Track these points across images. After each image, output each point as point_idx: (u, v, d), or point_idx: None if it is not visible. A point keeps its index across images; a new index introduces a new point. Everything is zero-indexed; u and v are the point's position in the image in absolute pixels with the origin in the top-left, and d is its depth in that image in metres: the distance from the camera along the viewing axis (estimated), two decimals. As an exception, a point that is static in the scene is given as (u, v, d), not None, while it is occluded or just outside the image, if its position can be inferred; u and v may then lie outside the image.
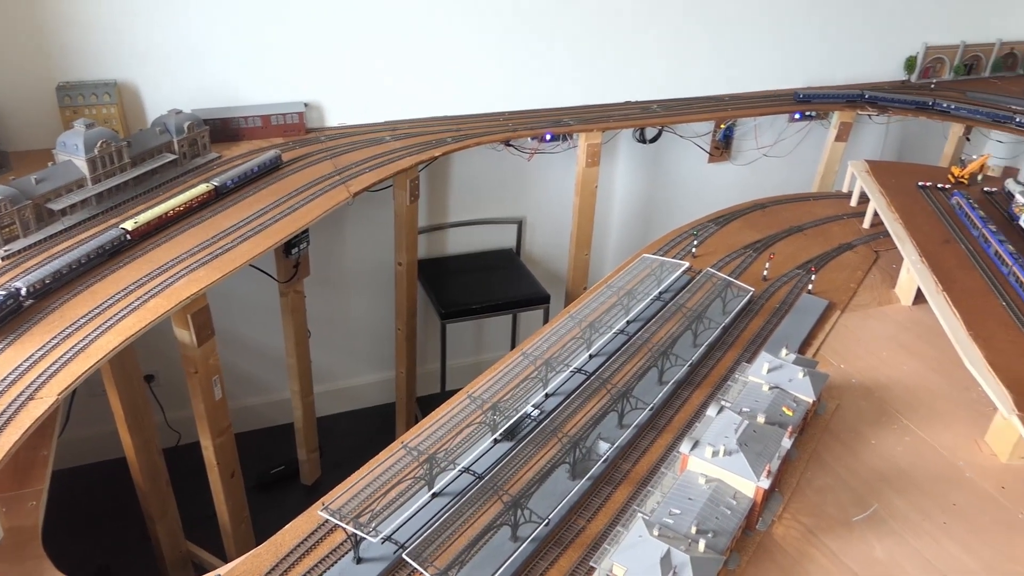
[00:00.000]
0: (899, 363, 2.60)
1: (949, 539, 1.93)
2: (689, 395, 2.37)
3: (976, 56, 5.39)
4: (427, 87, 4.14)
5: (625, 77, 4.56)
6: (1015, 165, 5.57)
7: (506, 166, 4.54)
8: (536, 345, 2.54)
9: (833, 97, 4.80)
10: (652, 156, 4.95)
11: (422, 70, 4.09)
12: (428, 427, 2.17)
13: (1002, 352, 2.33)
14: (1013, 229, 3.07)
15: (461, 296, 4.21)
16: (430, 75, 4.12)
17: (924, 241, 2.96)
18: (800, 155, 5.27)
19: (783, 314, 2.80)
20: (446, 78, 4.16)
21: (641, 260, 3.09)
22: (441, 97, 4.19)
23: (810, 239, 3.39)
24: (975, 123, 4.80)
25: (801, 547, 1.89)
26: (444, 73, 4.14)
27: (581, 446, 2.04)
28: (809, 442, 2.21)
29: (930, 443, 2.25)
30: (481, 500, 1.92)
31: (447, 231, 4.62)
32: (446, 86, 4.18)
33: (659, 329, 2.64)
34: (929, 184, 3.46)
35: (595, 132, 4.17)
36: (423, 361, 4.76)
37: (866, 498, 2.04)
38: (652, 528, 1.69)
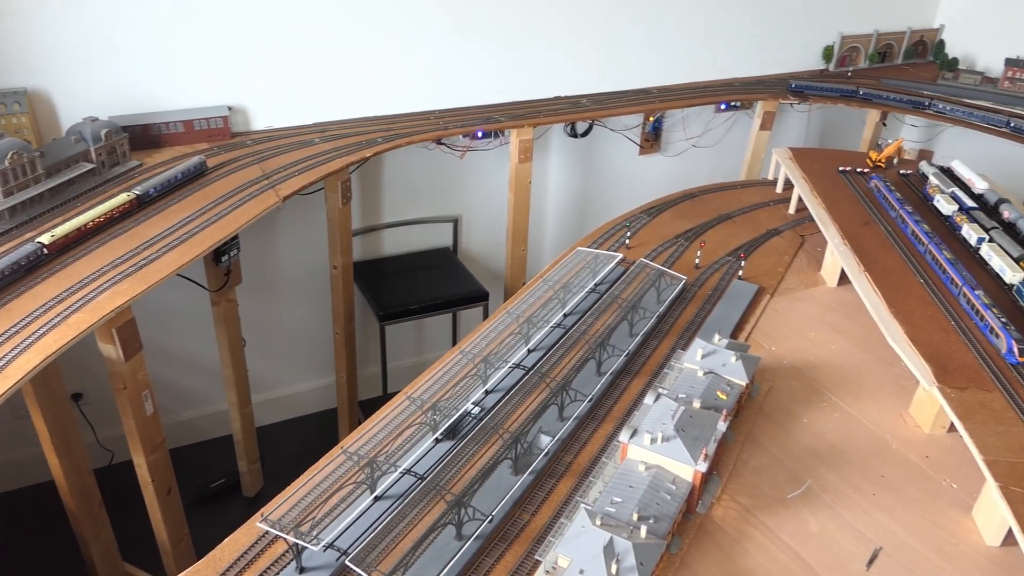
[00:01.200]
0: (827, 343, 2.69)
1: (879, 510, 2.01)
2: (627, 384, 2.40)
3: (889, 44, 5.60)
4: (356, 87, 4.09)
5: (554, 72, 4.59)
6: (930, 148, 5.82)
7: (439, 165, 4.52)
8: (474, 343, 2.54)
9: (827, 90, 4.92)
10: (584, 150, 5.00)
11: (350, 70, 4.04)
12: (368, 431, 2.15)
13: (921, 327, 2.43)
14: (928, 209, 3.20)
15: (399, 297, 4.17)
16: (359, 75, 4.07)
17: (846, 224, 3.06)
18: (727, 144, 5.39)
19: (715, 300, 2.86)
20: (375, 77, 4.11)
21: (576, 253, 3.11)
22: (371, 97, 4.15)
23: (739, 226, 3.48)
24: (890, 109, 4.99)
25: (740, 526, 1.93)
26: (373, 72, 4.10)
27: (522, 441, 2.05)
28: (744, 424, 2.27)
29: (858, 418, 2.33)
30: (424, 501, 1.91)
31: (382, 232, 4.57)
32: (375, 86, 4.13)
33: (596, 321, 2.67)
34: (849, 169, 3.58)
35: (526, 128, 4.19)
36: (364, 364, 4.70)
37: (800, 475, 2.10)
38: (594, 518, 1.71)
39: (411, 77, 4.20)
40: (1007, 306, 2.51)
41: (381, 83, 4.15)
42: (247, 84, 3.82)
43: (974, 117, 4.64)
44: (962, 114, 4.66)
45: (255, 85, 3.84)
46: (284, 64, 3.87)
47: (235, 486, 4.24)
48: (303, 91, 3.97)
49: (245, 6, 3.67)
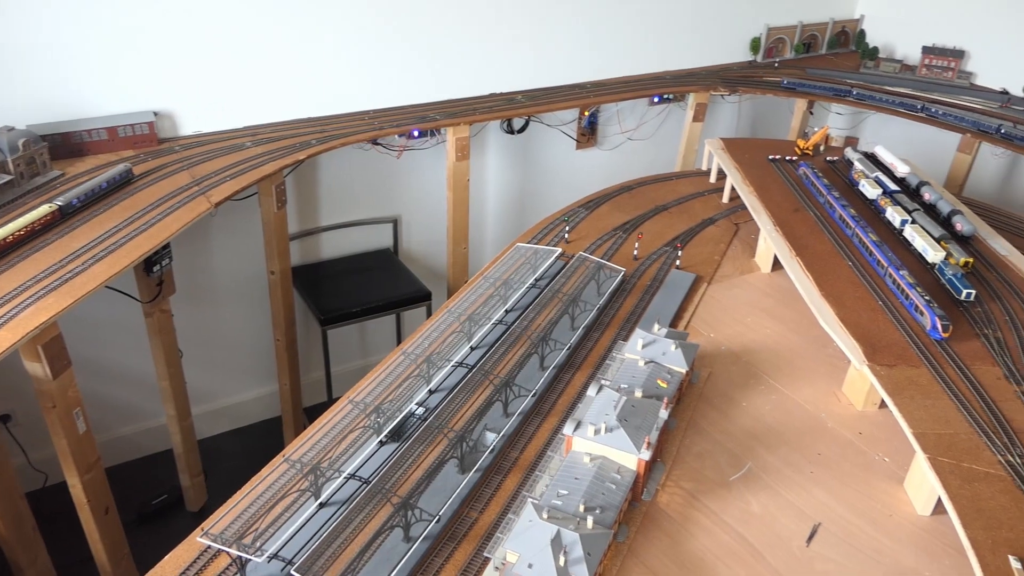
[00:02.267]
0: (763, 327, 2.75)
1: (817, 487, 2.07)
2: (571, 378, 2.42)
3: (813, 35, 5.76)
4: (288, 89, 4.02)
5: (489, 69, 4.59)
6: (855, 135, 6.01)
7: (376, 165, 4.47)
8: (417, 343, 2.52)
9: (817, 88, 4.98)
10: (521, 146, 5.01)
11: (281, 71, 3.96)
12: (311, 437, 2.12)
13: (851, 309, 2.51)
14: (854, 194, 3.31)
15: (340, 300, 4.12)
16: (290, 76, 4.00)
17: (777, 211, 3.14)
18: (662, 137, 5.48)
19: (654, 291, 2.90)
20: (307, 79, 4.05)
21: (515, 249, 3.12)
22: (303, 98, 4.08)
23: (675, 217, 3.53)
24: (816, 97, 5.14)
25: (685, 511, 1.97)
26: (305, 74, 4.03)
27: (468, 439, 2.04)
28: (686, 411, 2.31)
29: (794, 399, 2.40)
30: (370, 505, 1.89)
31: (320, 235, 4.51)
32: (308, 87, 4.07)
33: (537, 316, 2.68)
34: (778, 157, 3.67)
35: (462, 125, 4.18)
36: (307, 370, 4.63)
37: (741, 458, 2.15)
38: (541, 511, 1.72)
39: (344, 77, 4.15)
40: (930, 284, 2.62)
41: (314, 84, 4.08)
42: (173, 88, 3.72)
43: (894, 104, 4.81)
44: (883, 101, 4.83)
45: (182, 89, 3.74)
46: (212, 67, 3.78)
47: (178, 501, 4.13)
48: (233, 94, 3.88)
49: (169, 7, 3.57)
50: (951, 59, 5.19)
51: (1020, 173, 5.08)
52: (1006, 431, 2.03)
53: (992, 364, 2.28)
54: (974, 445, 1.97)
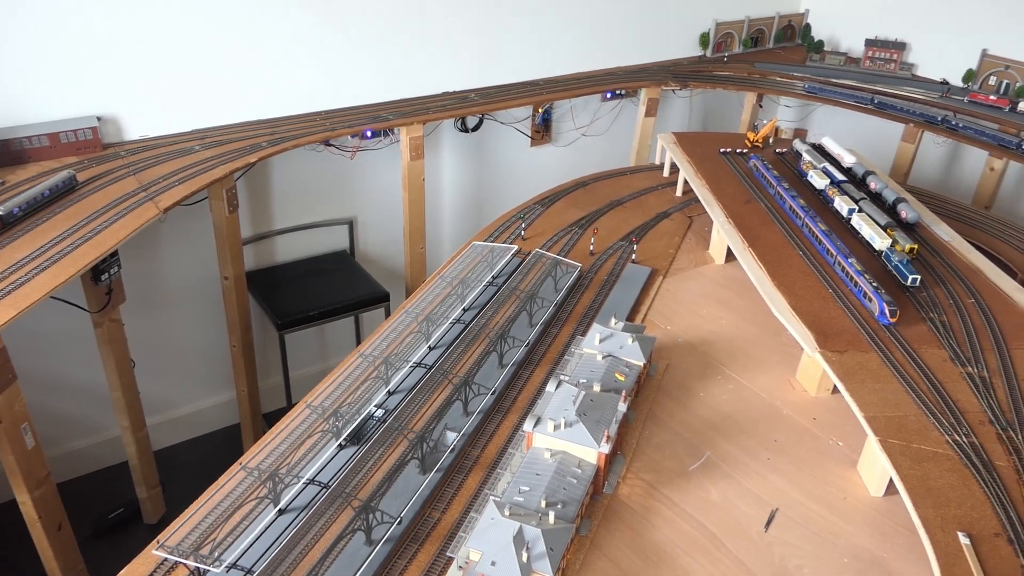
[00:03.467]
0: (718, 318, 2.79)
1: (773, 473, 2.10)
2: (530, 374, 2.42)
3: (760, 29, 5.85)
4: (236, 90, 3.95)
5: (441, 68, 4.57)
6: (804, 126, 6.13)
7: (329, 167, 4.42)
8: (374, 345, 2.50)
9: (835, 93, 5.00)
10: (476, 144, 5.00)
11: (230, 73, 3.89)
12: (269, 444, 2.09)
13: (803, 297, 2.56)
14: (803, 185, 3.37)
15: (297, 304, 4.07)
16: (239, 78, 3.93)
17: (729, 203, 3.18)
18: (616, 132, 5.51)
19: (611, 285, 2.92)
20: (256, 80, 3.98)
21: (472, 248, 3.12)
22: (253, 100, 4.01)
23: (630, 211, 3.56)
24: (764, 91, 5.23)
25: (646, 502, 1.99)
26: (254, 75, 3.97)
27: (428, 439, 2.04)
28: (644, 403, 2.33)
29: (750, 388, 2.43)
30: (331, 509, 1.87)
31: (274, 239, 4.45)
32: (257, 88, 4.00)
33: (495, 314, 2.68)
34: (729, 150, 3.73)
35: (416, 125, 4.16)
36: (265, 376, 4.57)
37: (699, 447, 2.18)
38: (503, 509, 1.72)
39: (295, 78, 4.09)
40: (878, 271, 2.68)
41: (263, 85, 4.02)
42: (117, 92, 3.63)
43: (840, 95, 4.92)
44: (829, 93, 4.93)
45: (126, 93, 3.65)
46: (157, 69, 3.69)
47: (135, 514, 4.04)
48: (179, 97, 3.80)
49: (111, 8, 3.48)
50: (893, 51, 5.32)
51: (961, 161, 5.23)
52: (952, 412, 2.09)
53: (938, 347, 2.34)
54: (922, 426, 2.03)
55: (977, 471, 1.90)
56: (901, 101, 4.74)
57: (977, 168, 4.64)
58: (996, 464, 1.93)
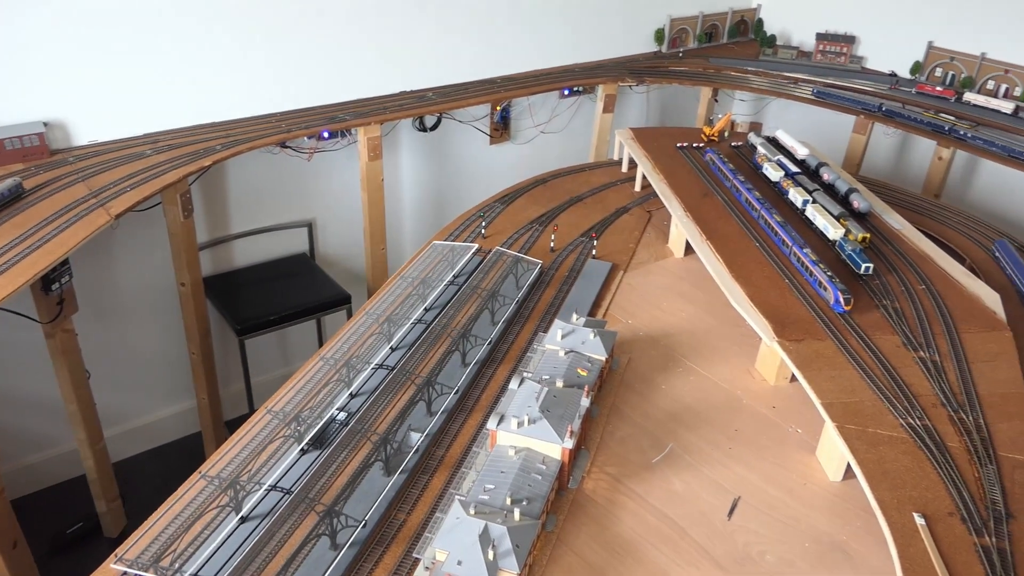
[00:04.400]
0: (678, 311, 2.82)
1: (735, 462, 2.13)
2: (493, 372, 2.42)
3: (714, 24, 5.92)
4: (188, 93, 3.88)
5: (398, 67, 4.54)
6: (759, 120, 6.22)
7: (286, 169, 4.37)
8: (336, 348, 2.48)
9: (847, 100, 4.99)
10: (435, 144, 4.98)
11: (181, 75, 3.82)
12: (229, 451, 2.06)
13: (760, 288, 2.59)
14: (759, 177, 3.42)
15: (256, 309, 4.01)
16: (191, 80, 3.85)
17: (687, 197, 3.22)
18: (574, 129, 5.54)
19: (572, 281, 2.93)
20: (209, 82, 3.91)
21: (432, 247, 3.10)
22: (205, 103, 3.94)
23: (589, 207, 3.58)
24: (720, 85, 5.30)
25: (611, 496, 2.00)
26: (206, 77, 3.90)
27: (392, 441, 2.02)
28: (608, 397, 2.34)
29: (711, 379, 2.46)
30: (294, 515, 1.85)
31: (232, 243, 4.38)
32: (210, 91, 3.93)
33: (457, 313, 2.67)
34: (686, 144, 3.76)
35: (373, 125, 4.13)
36: (226, 383, 4.50)
37: (662, 439, 2.20)
38: (468, 507, 1.72)
39: (249, 80, 4.03)
40: (832, 260, 2.73)
41: (216, 87, 3.95)
42: (64, 96, 3.54)
43: (792, 88, 5.00)
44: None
45: (74, 97, 3.56)
46: (105, 72, 3.61)
47: (95, 529, 3.95)
48: (129, 100, 3.72)
49: (56, 10, 3.39)
50: (843, 44, 5.43)
51: (911, 151, 5.36)
52: (906, 396, 2.14)
53: (891, 333, 2.40)
54: (878, 411, 2.07)
55: (930, 453, 1.95)
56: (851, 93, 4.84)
57: (926, 158, 4.75)
58: (948, 445, 1.98)
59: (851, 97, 4.77)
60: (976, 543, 1.73)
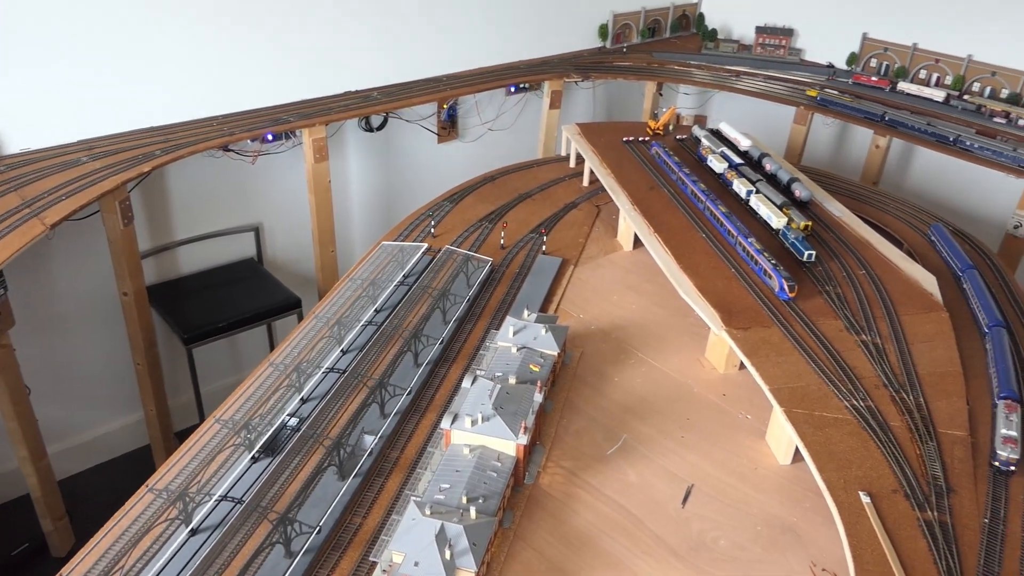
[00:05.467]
0: (629, 303, 2.85)
1: (688, 450, 2.16)
2: (446, 372, 2.41)
3: (657, 20, 5.99)
4: (125, 97, 3.76)
5: (342, 67, 4.49)
6: (703, 113, 6.31)
7: (230, 173, 4.28)
8: (286, 353, 2.44)
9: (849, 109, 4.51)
10: (382, 143, 4.94)
11: (116, 79, 3.70)
12: (177, 462, 2.01)
13: (707, 278, 2.63)
14: (704, 169, 3.47)
15: (203, 316, 3.93)
16: (126, 83, 3.74)
17: (634, 190, 3.25)
18: (522, 126, 5.55)
19: (523, 277, 2.94)
20: (145, 85, 3.81)
21: (381, 248, 3.08)
22: (143, 107, 3.84)
23: (538, 203, 3.59)
24: (663, 79, 5.36)
25: (567, 489, 2.01)
26: (142, 80, 3.79)
27: (345, 444, 2.00)
28: (561, 391, 2.35)
29: (663, 369, 2.49)
30: (247, 525, 1.81)
31: (176, 250, 4.28)
32: (147, 94, 3.83)
33: (408, 313, 2.65)
34: (632, 139, 3.80)
35: (318, 126, 4.07)
36: (175, 393, 4.39)
37: (616, 431, 2.22)
38: (424, 508, 1.71)
39: (188, 82, 3.94)
40: (776, 249, 2.79)
41: (154, 91, 3.85)
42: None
43: (734, 81, 5.08)
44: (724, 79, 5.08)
45: (3, 103, 3.43)
46: (36, 77, 3.48)
47: (42, 549, 3.83)
48: (62, 106, 3.60)
49: (-24, 16, 3.27)
50: (781, 37, 5.54)
51: (849, 140, 5.50)
52: (850, 378, 2.20)
53: (834, 318, 2.46)
54: (823, 394, 2.12)
55: (874, 432, 2.01)
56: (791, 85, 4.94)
57: (864, 146, 4.88)
58: (891, 425, 2.04)
59: (911, 122, 4.39)
60: (919, 518, 1.79)
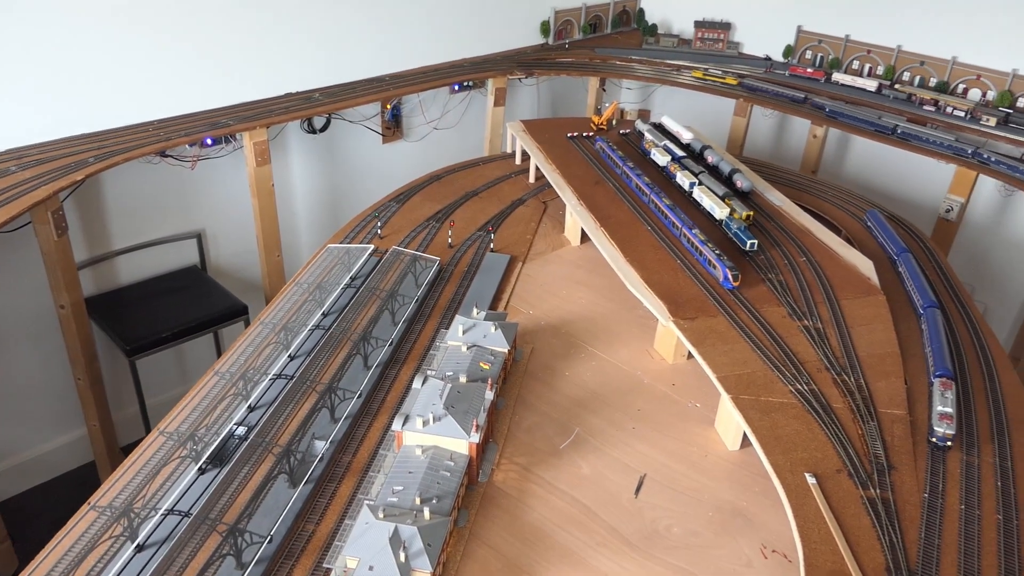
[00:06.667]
0: (577, 298, 2.87)
1: (639, 441, 2.19)
2: (397, 373, 2.39)
3: (598, 16, 6.03)
4: (55, 104, 3.64)
5: (282, 69, 4.41)
6: (647, 107, 6.39)
7: (169, 179, 4.18)
8: (231, 361, 2.40)
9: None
10: (325, 145, 4.88)
11: (45, 84, 3.58)
12: (121, 477, 1.96)
13: (654, 270, 2.67)
14: (647, 163, 3.51)
15: (146, 327, 3.83)
16: (56, 89, 3.62)
17: (579, 186, 3.27)
18: (467, 124, 5.53)
19: (472, 276, 2.93)
20: (77, 90, 3.69)
21: (327, 251, 3.04)
22: (74, 113, 3.72)
23: (485, 201, 3.58)
24: (606, 75, 5.40)
25: (521, 485, 2.01)
26: (74, 85, 3.67)
27: (295, 451, 1.97)
28: (513, 388, 2.36)
29: (612, 362, 2.52)
30: (196, 538, 1.77)
31: (115, 260, 4.16)
32: (78, 100, 3.71)
33: (356, 316, 2.62)
34: (576, 134, 3.82)
35: (259, 129, 4.00)
36: (119, 407, 4.27)
37: (568, 425, 2.23)
38: (377, 511, 1.70)
39: (122, 86, 3.83)
40: (720, 239, 2.83)
41: (86, 96, 3.73)
42: (-89, 113, 3.28)
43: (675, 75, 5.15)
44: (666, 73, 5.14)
45: (-78, 113, 3.30)
46: (-44, 86, 3.36)
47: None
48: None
49: None
50: (720, 31, 5.63)
51: (788, 130, 5.62)
52: (794, 363, 2.25)
53: (777, 304, 2.51)
54: (769, 380, 2.17)
55: (818, 415, 2.06)
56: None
57: (803, 136, 4.99)
58: (834, 407, 2.10)
59: (927, 136, 4.18)
60: (863, 496, 1.84)
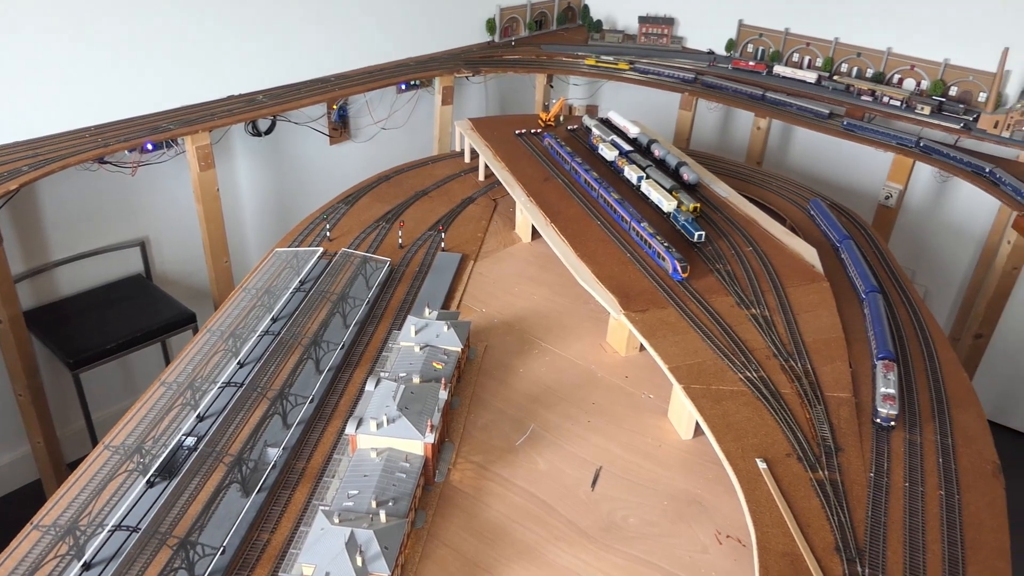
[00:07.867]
0: (529, 295, 2.87)
1: (595, 434, 2.20)
2: (350, 376, 2.37)
3: (543, 13, 6.05)
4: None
5: (223, 70, 4.33)
6: (594, 103, 6.43)
7: (109, 186, 4.06)
8: (179, 371, 2.34)
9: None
10: (271, 148, 4.80)
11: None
12: (65, 495, 1.90)
13: (604, 265, 2.69)
14: (596, 158, 3.53)
15: (89, 339, 3.72)
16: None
17: (529, 182, 3.27)
18: (416, 123, 5.50)
19: (423, 276, 2.92)
20: (8, 97, 3.56)
21: (275, 255, 2.99)
22: (6, 120, 3.59)
23: (435, 200, 3.57)
24: (553, 71, 5.42)
25: (478, 484, 2.01)
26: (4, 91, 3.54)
27: (247, 460, 1.94)
28: (467, 387, 2.35)
29: (566, 357, 2.53)
30: (146, 553, 1.73)
31: (54, 271, 4.03)
32: (10, 106, 3.58)
33: (306, 320, 2.59)
34: (524, 131, 3.82)
35: (201, 133, 3.91)
36: (64, 423, 4.15)
37: (524, 422, 2.24)
38: (332, 517, 1.68)
39: (55, 91, 3.71)
40: (668, 232, 2.87)
41: (17, 102, 3.61)
42: None
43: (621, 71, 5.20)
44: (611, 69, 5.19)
45: None
46: None
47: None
48: (-89, 124, 3.34)
49: None
50: (663, 26, 5.70)
51: (733, 123, 5.72)
52: (743, 351, 2.29)
53: (725, 294, 2.55)
54: (719, 368, 2.20)
55: (767, 401, 2.10)
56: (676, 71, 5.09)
57: (747, 128, 5.08)
58: (782, 392, 2.14)
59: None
60: (812, 478, 1.88)
